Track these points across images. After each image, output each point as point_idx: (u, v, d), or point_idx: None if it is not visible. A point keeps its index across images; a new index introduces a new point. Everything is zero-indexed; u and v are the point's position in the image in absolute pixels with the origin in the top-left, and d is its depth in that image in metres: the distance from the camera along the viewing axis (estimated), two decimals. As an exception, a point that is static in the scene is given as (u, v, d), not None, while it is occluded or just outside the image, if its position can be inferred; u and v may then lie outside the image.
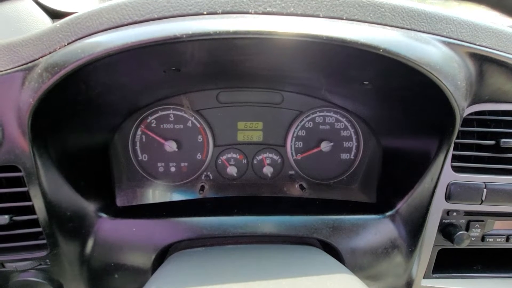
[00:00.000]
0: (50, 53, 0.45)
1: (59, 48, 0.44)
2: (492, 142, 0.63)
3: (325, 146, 0.80)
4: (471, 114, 0.62)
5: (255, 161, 0.82)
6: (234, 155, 0.81)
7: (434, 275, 0.74)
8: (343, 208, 0.69)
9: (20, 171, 0.52)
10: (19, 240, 0.58)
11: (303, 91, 0.78)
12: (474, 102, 0.59)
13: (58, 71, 0.42)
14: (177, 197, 0.79)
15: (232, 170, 0.80)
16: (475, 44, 0.49)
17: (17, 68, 0.47)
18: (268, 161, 0.82)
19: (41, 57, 0.46)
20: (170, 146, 0.76)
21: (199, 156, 0.80)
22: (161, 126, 0.77)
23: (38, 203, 0.54)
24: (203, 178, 0.81)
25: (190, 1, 0.41)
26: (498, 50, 0.51)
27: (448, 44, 0.47)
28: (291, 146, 0.82)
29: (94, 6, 0.44)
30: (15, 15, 0.73)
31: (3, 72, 0.48)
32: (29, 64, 0.47)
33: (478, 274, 0.75)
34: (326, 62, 0.55)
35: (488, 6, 0.12)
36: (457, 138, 0.62)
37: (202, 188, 0.77)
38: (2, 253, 0.58)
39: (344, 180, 0.84)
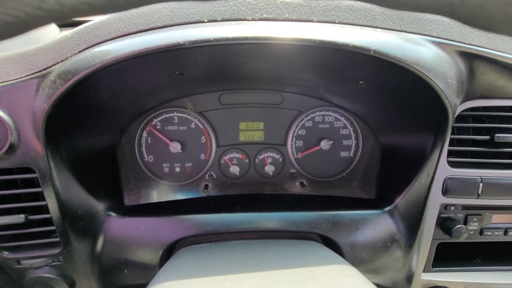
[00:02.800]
0: (62, 61, 0.48)
1: (71, 56, 0.47)
2: (487, 137, 0.65)
3: (324, 144, 0.82)
4: (465, 110, 0.64)
5: (257, 160, 0.84)
6: (237, 155, 0.84)
7: (434, 269, 0.75)
8: (343, 204, 0.71)
9: (34, 172, 0.55)
10: (34, 238, 0.61)
11: (302, 91, 0.80)
12: (467, 98, 0.61)
13: (71, 78, 0.46)
14: (182, 195, 0.81)
15: (234, 170, 0.83)
16: (464, 43, 0.51)
17: (31, 76, 0.50)
18: (269, 160, 0.84)
19: (54, 65, 0.49)
20: (175, 147, 0.79)
21: (202, 156, 0.83)
22: (166, 128, 0.80)
23: (51, 202, 0.57)
24: (206, 177, 0.84)
25: (191, 10, 0.43)
26: (488, 48, 0.53)
27: (438, 44, 0.49)
28: (291, 145, 0.84)
29: (102, 16, 0.48)
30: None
31: (19, 80, 0.51)
32: (43, 72, 0.50)
33: (478, 267, 0.76)
34: (321, 63, 0.57)
35: (444, 15, 0.14)
36: (453, 134, 0.64)
37: (206, 187, 0.80)
38: (18, 251, 0.61)
39: (344, 177, 0.86)
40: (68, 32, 0.49)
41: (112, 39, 0.45)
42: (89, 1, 0.12)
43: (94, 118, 0.64)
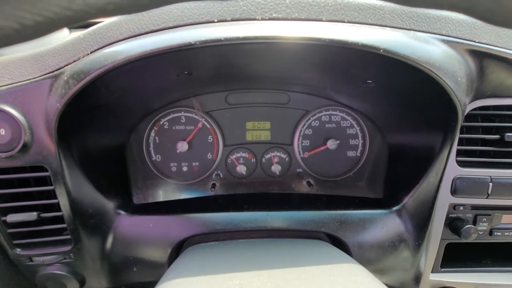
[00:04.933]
0: (74, 61, 0.49)
1: (83, 57, 0.48)
2: (497, 136, 0.64)
3: (331, 144, 0.82)
4: (475, 109, 0.63)
5: (263, 160, 0.85)
6: (243, 154, 0.84)
7: (443, 269, 0.74)
8: (350, 203, 0.71)
9: (47, 171, 0.56)
10: (46, 236, 0.62)
11: (309, 91, 0.80)
12: (476, 97, 0.60)
13: (83, 78, 0.46)
14: (189, 194, 0.82)
15: (241, 169, 0.83)
16: (474, 42, 0.51)
17: (44, 76, 0.51)
18: (276, 160, 0.85)
19: (67, 65, 0.50)
20: (182, 146, 0.80)
21: (209, 156, 0.83)
22: (173, 127, 0.81)
23: (63, 200, 0.58)
24: (214, 176, 0.84)
25: (201, 10, 0.44)
26: (498, 47, 0.52)
27: (447, 42, 0.49)
28: (298, 144, 0.84)
29: (113, 17, 0.48)
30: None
31: (32, 80, 0.52)
32: (56, 72, 0.51)
33: (487, 268, 0.75)
34: (329, 62, 0.57)
35: (460, 12, 0.14)
36: (462, 133, 0.63)
37: (214, 186, 0.80)
38: (31, 248, 0.62)
39: (351, 177, 0.86)
40: (80, 33, 0.50)
41: (124, 40, 0.46)
42: (115, 1, 0.13)
43: (105, 118, 0.65)
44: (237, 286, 0.44)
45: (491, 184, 0.65)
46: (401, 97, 0.65)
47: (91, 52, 0.48)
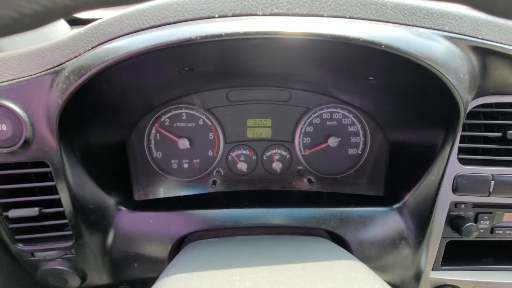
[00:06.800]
0: (75, 57, 0.49)
1: (84, 52, 0.48)
2: (499, 134, 0.64)
3: (332, 141, 0.82)
4: (477, 106, 0.63)
5: (264, 157, 0.85)
6: (244, 152, 0.84)
7: (443, 267, 0.74)
8: (351, 200, 0.71)
9: (48, 166, 0.56)
10: (47, 231, 0.62)
11: (310, 88, 0.80)
12: (479, 95, 0.60)
13: (84, 73, 0.46)
14: (190, 191, 0.82)
15: (242, 166, 0.83)
16: (477, 38, 0.50)
17: (45, 72, 0.52)
18: (277, 157, 0.85)
19: (68, 61, 0.50)
20: (183, 143, 0.80)
21: (210, 153, 0.83)
22: (174, 124, 0.81)
23: (64, 196, 0.58)
24: (214, 173, 0.84)
25: (202, 5, 0.44)
26: (502, 43, 0.52)
27: (450, 38, 0.49)
28: (299, 142, 0.84)
29: (114, 12, 0.48)
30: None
31: (33, 76, 0.52)
32: (57, 68, 0.51)
33: (488, 267, 0.75)
34: (331, 59, 0.57)
35: (462, 3, 0.14)
36: (464, 130, 0.63)
37: (214, 182, 0.80)
38: (32, 243, 0.63)
39: (352, 175, 0.85)
40: (80, 29, 0.50)
41: (125, 35, 0.45)
42: (115, -10, 0.13)
43: (106, 114, 0.65)
44: (237, 281, 0.44)
45: (492, 182, 0.64)
46: (403, 94, 0.65)
47: (92, 48, 0.48)
